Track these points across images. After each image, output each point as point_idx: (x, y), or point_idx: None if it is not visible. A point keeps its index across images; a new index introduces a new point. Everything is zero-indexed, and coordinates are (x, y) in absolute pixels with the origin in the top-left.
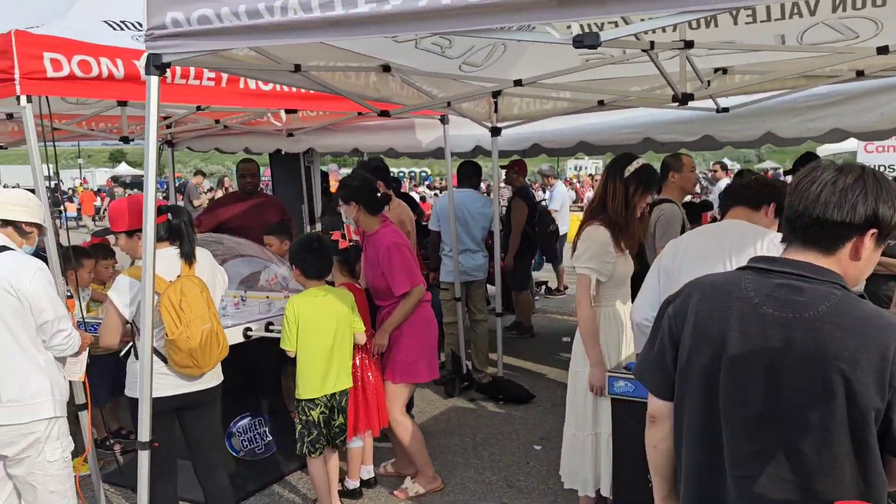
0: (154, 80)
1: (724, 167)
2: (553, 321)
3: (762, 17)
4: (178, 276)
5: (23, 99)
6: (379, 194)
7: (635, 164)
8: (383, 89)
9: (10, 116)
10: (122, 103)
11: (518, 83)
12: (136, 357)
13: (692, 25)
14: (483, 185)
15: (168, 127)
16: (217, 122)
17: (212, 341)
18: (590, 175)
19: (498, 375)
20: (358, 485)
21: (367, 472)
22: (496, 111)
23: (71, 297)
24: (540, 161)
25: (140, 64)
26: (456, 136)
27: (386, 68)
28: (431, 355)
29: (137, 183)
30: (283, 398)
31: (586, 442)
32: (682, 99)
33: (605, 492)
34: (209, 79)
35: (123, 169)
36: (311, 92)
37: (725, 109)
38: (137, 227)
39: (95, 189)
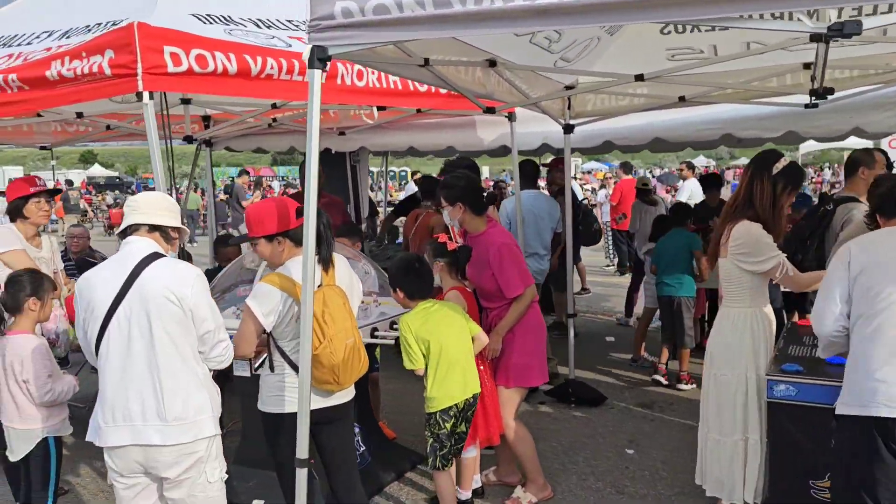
0: (317, 75)
1: (692, 166)
2: (588, 321)
3: (867, 10)
4: (319, 286)
5: (145, 95)
6: (485, 194)
7: (782, 162)
8: (487, 84)
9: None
10: (186, 100)
11: (640, 78)
12: (272, 370)
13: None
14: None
15: (207, 127)
16: (274, 120)
17: (354, 357)
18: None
19: (569, 377)
20: (470, 495)
21: (475, 481)
22: (569, 107)
23: None
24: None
25: (304, 55)
26: (521, 134)
27: (492, 63)
28: (542, 358)
29: (111, 185)
30: (370, 406)
31: (736, 448)
32: (822, 93)
33: (749, 499)
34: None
35: (97, 171)
36: (399, 88)
37: (815, 104)
38: (282, 231)
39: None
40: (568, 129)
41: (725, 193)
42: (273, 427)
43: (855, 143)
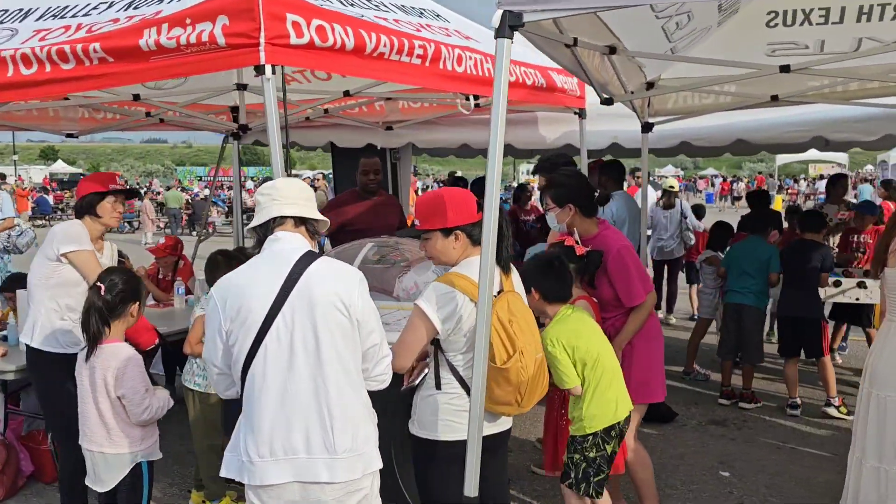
0: (507, 46)
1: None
2: None
3: None
4: (501, 291)
5: (268, 69)
6: (597, 193)
7: None
8: (604, 73)
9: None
10: (241, 86)
11: (785, 69)
12: (438, 387)
13: None
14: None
15: (235, 119)
16: (326, 111)
17: (541, 375)
18: None
19: None
20: None
21: None
22: (649, 105)
23: None
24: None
25: (494, 20)
26: (589, 133)
27: (612, 50)
28: (662, 371)
29: (75, 181)
30: None
31: None
32: None
33: None
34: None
35: (60, 167)
36: (490, 77)
37: None
38: (460, 225)
39: (31, 187)
40: (646, 127)
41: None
42: (426, 456)
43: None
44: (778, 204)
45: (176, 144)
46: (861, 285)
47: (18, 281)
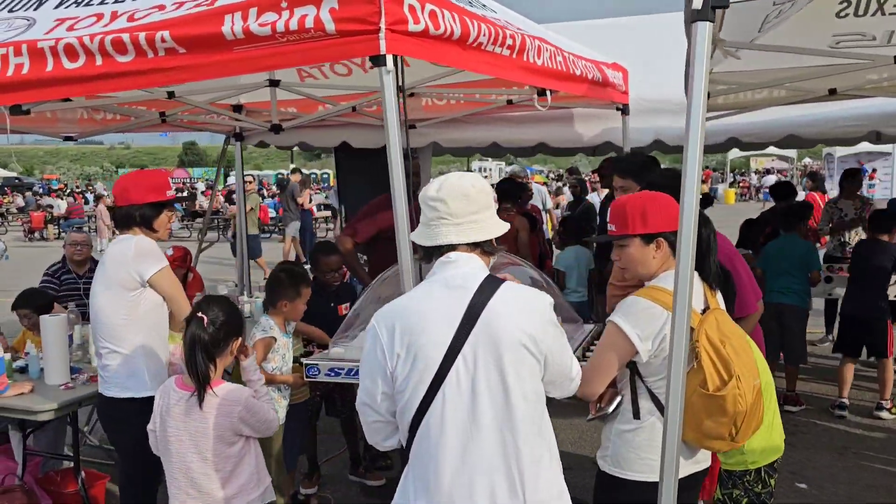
0: (708, 29)
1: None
2: None
3: None
4: (707, 308)
5: (388, 60)
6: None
7: None
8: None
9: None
10: (274, 83)
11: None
12: (637, 416)
13: None
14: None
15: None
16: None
17: (758, 405)
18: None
19: None
20: None
21: None
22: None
23: None
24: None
25: (696, 4)
26: (631, 129)
27: None
28: None
29: (12, 184)
30: None
31: None
32: None
33: None
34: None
35: None
36: (564, 70)
37: None
38: (662, 232)
39: None
40: None
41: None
42: (612, 495)
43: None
44: (730, 197)
45: (113, 146)
46: None
47: (33, 298)
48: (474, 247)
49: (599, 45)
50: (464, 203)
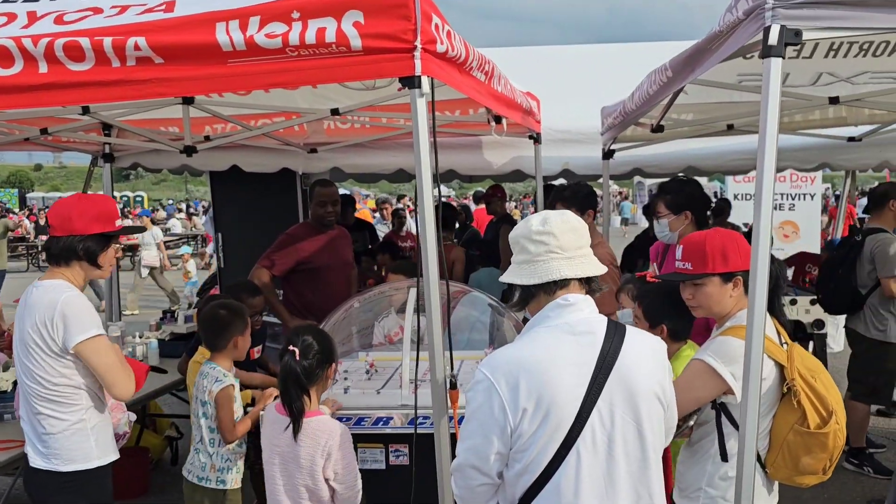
0: (779, 65)
1: None
2: None
3: None
4: (785, 343)
5: (424, 83)
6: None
7: None
8: None
9: None
10: (188, 100)
11: (835, 101)
12: (725, 458)
13: None
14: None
15: (107, 133)
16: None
17: (840, 437)
18: None
19: None
20: None
21: None
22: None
23: None
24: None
25: (772, 37)
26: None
27: None
28: None
29: None
30: None
31: None
32: None
33: None
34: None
35: None
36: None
37: (855, 138)
38: (740, 271)
39: None
40: (608, 154)
41: None
42: None
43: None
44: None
45: None
46: None
47: None
48: (585, 287)
49: (511, 72)
50: (573, 237)
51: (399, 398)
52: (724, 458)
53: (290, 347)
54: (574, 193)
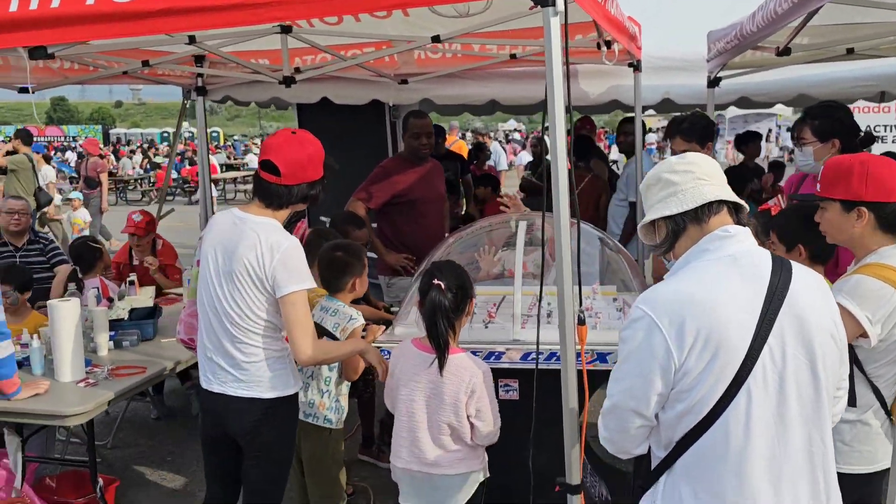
0: None
1: None
2: None
3: None
4: None
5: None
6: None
7: None
8: None
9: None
10: (286, 29)
11: None
12: (852, 402)
13: None
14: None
15: (200, 64)
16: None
17: None
18: None
19: None
20: None
21: None
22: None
23: None
24: None
25: None
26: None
27: None
28: None
29: None
30: None
31: None
32: None
33: None
34: None
35: None
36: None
37: None
38: (867, 201)
39: None
40: (714, 82)
41: None
42: (855, 493)
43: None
44: None
45: None
46: None
47: (13, 273)
48: (734, 218)
49: None
50: (714, 168)
51: (510, 333)
52: (853, 402)
53: (435, 282)
54: (693, 125)
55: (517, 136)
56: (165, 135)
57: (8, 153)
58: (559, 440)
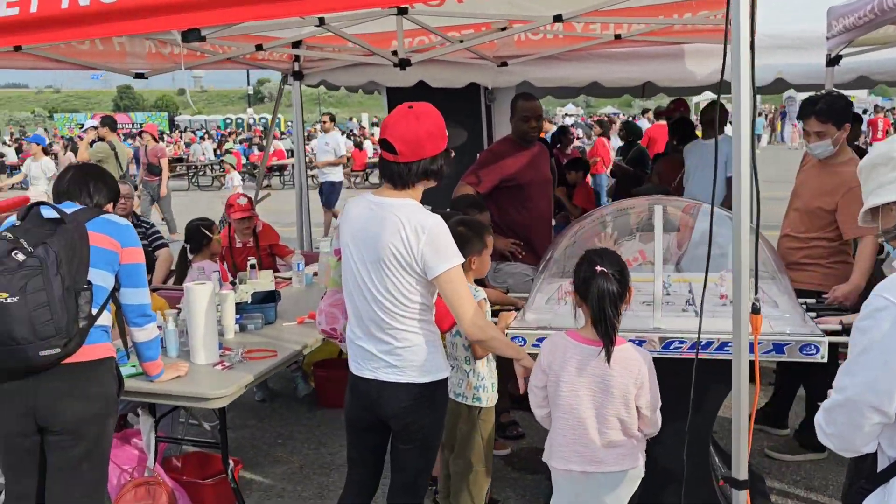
0: None
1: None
2: None
3: None
4: None
5: None
6: None
7: None
8: None
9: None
10: (402, 10)
11: None
12: None
13: None
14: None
15: (296, 58)
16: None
17: None
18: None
19: None
20: None
21: None
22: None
23: None
24: None
25: None
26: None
27: None
28: None
29: None
30: None
31: None
32: None
33: None
34: None
35: None
36: None
37: None
38: None
39: None
40: (834, 60)
41: None
42: None
43: None
44: None
45: (41, 89)
46: None
47: None
48: None
49: None
50: None
51: (648, 321)
52: None
53: (599, 268)
54: (830, 106)
55: (570, 120)
56: (228, 121)
57: (94, 141)
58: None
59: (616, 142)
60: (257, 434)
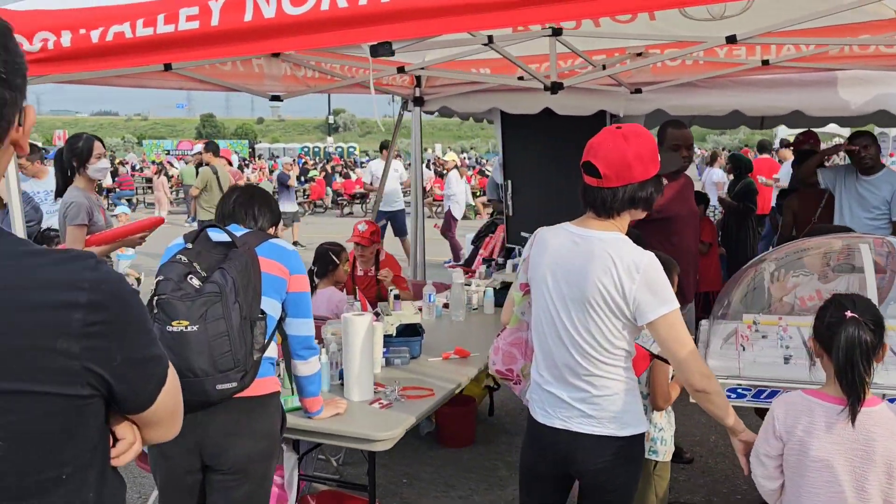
0: None
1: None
2: None
3: None
4: None
5: None
6: None
7: None
8: None
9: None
10: (557, 31)
11: None
12: None
13: None
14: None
15: (418, 84)
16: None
17: None
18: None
19: None
20: None
21: None
22: None
23: None
24: None
25: None
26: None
27: None
28: None
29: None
30: None
31: None
32: None
33: None
34: None
35: None
36: None
37: None
38: None
39: None
40: None
41: None
42: None
43: None
44: None
45: (130, 117)
46: None
47: None
48: None
49: None
50: None
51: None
52: None
53: (850, 314)
54: None
55: None
56: (305, 149)
57: (198, 165)
58: None
59: (718, 175)
60: (380, 472)
